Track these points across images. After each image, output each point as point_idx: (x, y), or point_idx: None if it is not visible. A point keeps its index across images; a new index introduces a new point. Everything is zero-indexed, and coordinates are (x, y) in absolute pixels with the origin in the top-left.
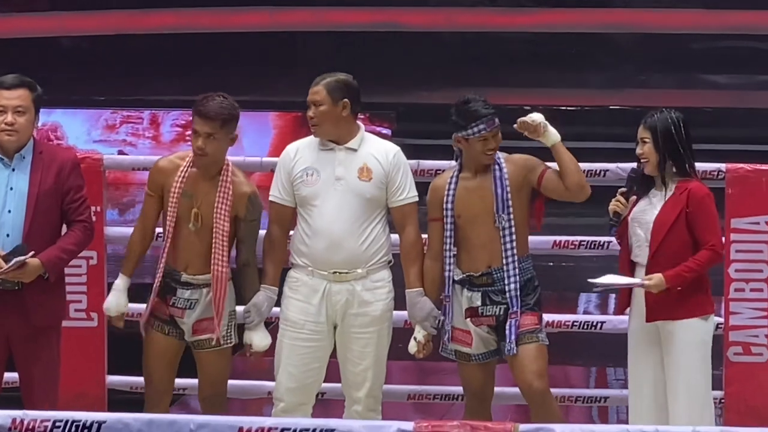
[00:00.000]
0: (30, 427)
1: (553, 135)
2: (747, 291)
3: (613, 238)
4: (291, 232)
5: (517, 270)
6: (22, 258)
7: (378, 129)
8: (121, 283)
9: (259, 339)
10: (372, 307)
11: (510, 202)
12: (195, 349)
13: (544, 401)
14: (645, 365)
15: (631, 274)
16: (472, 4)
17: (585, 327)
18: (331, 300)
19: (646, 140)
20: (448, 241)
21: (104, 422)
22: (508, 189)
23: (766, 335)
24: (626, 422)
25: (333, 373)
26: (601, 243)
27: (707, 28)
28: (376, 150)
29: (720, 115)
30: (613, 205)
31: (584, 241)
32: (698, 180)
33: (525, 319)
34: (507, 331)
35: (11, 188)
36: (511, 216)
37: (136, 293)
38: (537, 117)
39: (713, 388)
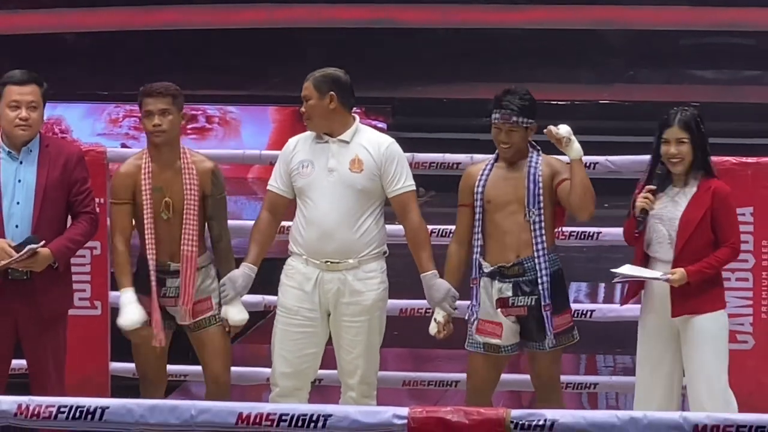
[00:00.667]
0: (35, 412)
1: (575, 151)
2: (732, 281)
3: (609, 229)
4: (289, 223)
5: (548, 263)
6: (34, 246)
7: (374, 123)
8: (129, 295)
9: (234, 313)
10: (363, 296)
11: (541, 198)
12: (195, 331)
13: (558, 391)
14: (659, 360)
15: (648, 267)
16: (466, 2)
17: (575, 315)
18: (323, 288)
19: (684, 140)
20: (477, 225)
21: (108, 407)
22: (541, 185)
23: (751, 323)
24: (615, 408)
25: (330, 360)
26: (591, 234)
27: (694, 25)
28: (368, 142)
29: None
30: (641, 202)
31: (574, 231)
32: (718, 178)
33: (560, 320)
34: (545, 325)
35: (19, 180)
36: (542, 210)
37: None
38: (563, 131)
39: None
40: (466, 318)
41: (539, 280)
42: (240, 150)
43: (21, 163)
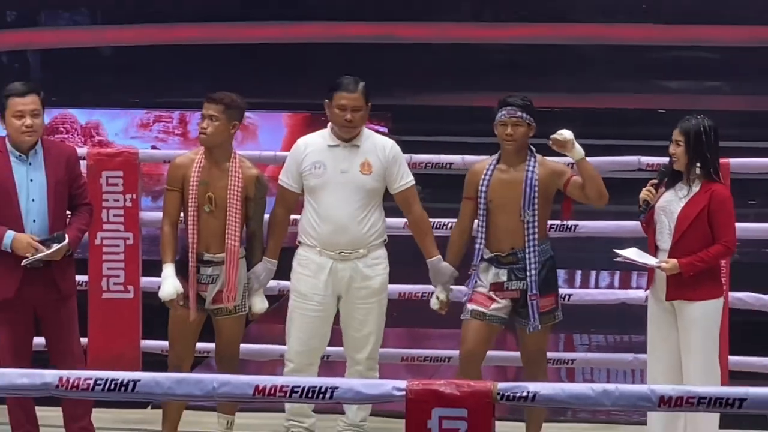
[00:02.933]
0: (75, 384)
1: (578, 151)
2: None
3: (585, 222)
4: (297, 216)
5: (537, 257)
6: (64, 243)
7: (376, 127)
8: (169, 269)
9: (257, 303)
10: (372, 281)
11: (536, 200)
12: (215, 316)
13: (544, 367)
14: (662, 337)
15: (655, 256)
16: (458, 20)
17: None
18: (336, 276)
19: (680, 143)
20: (482, 219)
21: (139, 380)
22: (536, 188)
23: None
24: (590, 381)
25: (336, 338)
26: (569, 227)
27: (661, 40)
28: (375, 145)
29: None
30: (644, 194)
31: (554, 224)
32: (721, 183)
33: (545, 301)
34: (530, 311)
35: (31, 180)
36: (536, 211)
37: (151, 268)
38: (567, 134)
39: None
40: (464, 298)
41: (528, 272)
42: (257, 151)
43: (30, 164)
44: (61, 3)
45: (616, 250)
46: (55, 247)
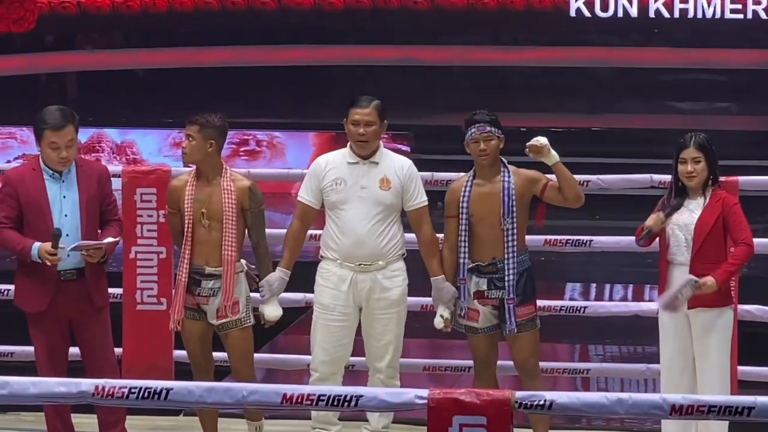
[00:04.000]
0: (110, 392)
1: (554, 156)
2: None
3: (599, 237)
4: (320, 231)
5: (515, 264)
6: (105, 241)
7: (398, 146)
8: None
9: (269, 310)
10: (391, 292)
11: (514, 209)
12: (221, 331)
13: (533, 376)
14: (676, 346)
15: (667, 273)
16: (478, 43)
17: (570, 311)
18: (357, 287)
19: (699, 159)
20: (463, 234)
21: (172, 389)
22: (514, 197)
23: None
24: (605, 390)
25: (360, 348)
26: (584, 241)
27: (673, 63)
28: (394, 163)
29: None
30: (652, 221)
31: (570, 239)
32: (723, 190)
33: (523, 310)
34: (506, 315)
35: (64, 197)
36: (514, 220)
37: None
38: (543, 140)
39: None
40: (457, 311)
41: (506, 278)
42: (285, 169)
43: (63, 182)
44: (97, 27)
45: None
46: (100, 242)
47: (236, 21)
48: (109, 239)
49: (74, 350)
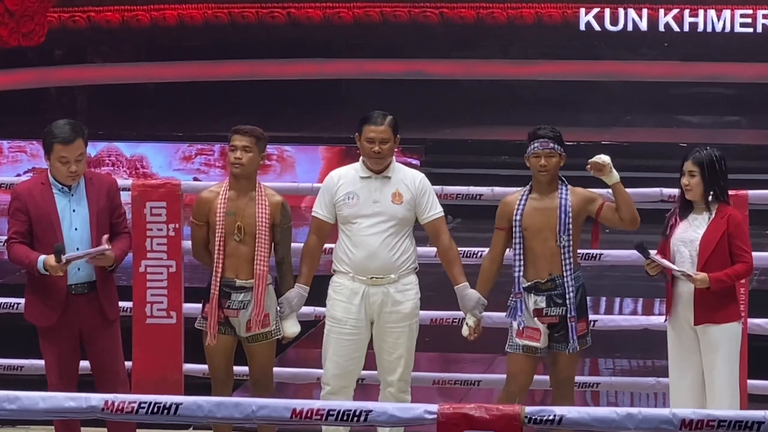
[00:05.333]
0: (119, 407)
1: (615, 176)
2: None
3: (609, 251)
4: (333, 245)
5: (574, 281)
6: (104, 247)
7: (409, 160)
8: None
9: (288, 326)
10: (403, 305)
11: (570, 225)
12: (249, 342)
13: (571, 391)
14: (685, 361)
15: (672, 288)
16: (487, 57)
17: None
18: (369, 300)
19: (694, 174)
20: (518, 247)
21: (181, 404)
22: (570, 214)
23: None
24: (614, 405)
25: (371, 362)
26: (594, 255)
27: (683, 77)
28: (405, 177)
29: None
30: (649, 268)
31: (579, 253)
32: (731, 206)
33: (580, 326)
34: (570, 333)
35: (74, 210)
36: (571, 236)
37: (193, 295)
38: (605, 158)
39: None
40: (510, 325)
41: (567, 295)
42: (295, 183)
43: (72, 195)
44: (107, 41)
45: (650, 252)
46: (96, 249)
47: (246, 35)
48: (104, 246)
49: (84, 363)
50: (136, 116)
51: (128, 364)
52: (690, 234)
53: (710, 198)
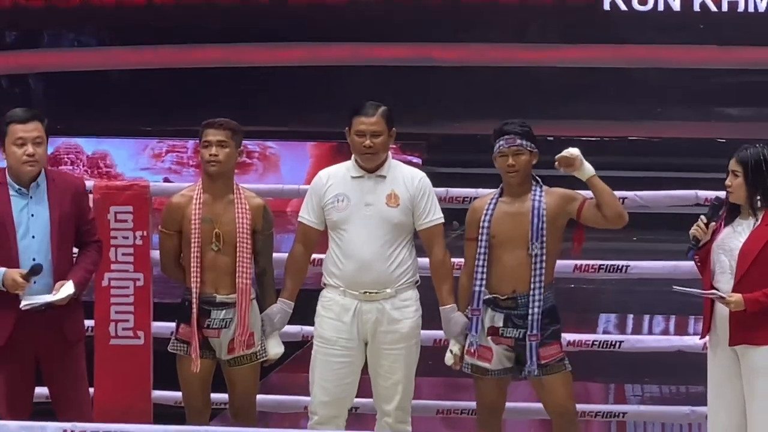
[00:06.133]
0: None
1: (588, 169)
2: None
3: (637, 262)
4: (322, 255)
5: (542, 296)
6: (50, 299)
7: (409, 158)
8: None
9: (270, 347)
10: (400, 324)
11: (544, 232)
12: (230, 366)
13: (572, 422)
14: (724, 387)
15: (710, 302)
16: (501, 41)
17: (604, 346)
18: (361, 318)
19: (737, 173)
20: (482, 258)
21: None
22: (544, 219)
23: None
24: None
25: (365, 387)
26: (619, 267)
27: (722, 63)
28: (403, 177)
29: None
30: (693, 230)
31: (603, 265)
32: None
33: (550, 350)
34: (528, 353)
35: (32, 215)
36: (544, 245)
37: (163, 312)
38: (574, 151)
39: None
40: (467, 343)
41: (530, 311)
42: (279, 184)
43: (31, 197)
44: (65, 22)
45: (675, 288)
46: (61, 294)
47: (224, 15)
48: (66, 292)
49: (42, 390)
50: (99, 108)
51: (90, 390)
52: (732, 241)
53: (757, 203)
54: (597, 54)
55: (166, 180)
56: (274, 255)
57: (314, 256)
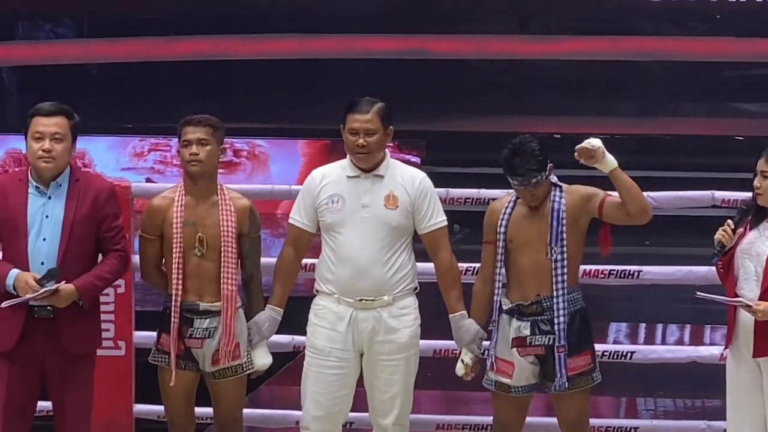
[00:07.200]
0: None
1: (610, 161)
2: None
3: (650, 267)
4: (315, 260)
5: (566, 302)
6: (51, 287)
7: (407, 157)
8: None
9: (258, 357)
10: (398, 334)
11: (564, 235)
12: (215, 379)
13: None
14: (745, 402)
15: (734, 311)
16: (502, 32)
17: (615, 357)
18: (357, 327)
19: (767, 174)
20: (499, 265)
21: None
22: (564, 222)
23: None
24: None
25: (361, 401)
26: (631, 272)
27: (738, 56)
28: (402, 177)
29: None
30: (719, 235)
31: (614, 270)
32: None
33: (579, 361)
34: (557, 366)
35: (47, 216)
36: (564, 248)
37: (146, 321)
38: (596, 142)
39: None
40: (485, 356)
41: (556, 320)
42: (269, 185)
43: (49, 198)
44: (41, 13)
45: (698, 294)
46: (45, 289)
47: (211, 5)
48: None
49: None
50: (77, 104)
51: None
52: (758, 246)
53: None
54: (606, 46)
55: (149, 180)
56: (263, 260)
57: (307, 261)
